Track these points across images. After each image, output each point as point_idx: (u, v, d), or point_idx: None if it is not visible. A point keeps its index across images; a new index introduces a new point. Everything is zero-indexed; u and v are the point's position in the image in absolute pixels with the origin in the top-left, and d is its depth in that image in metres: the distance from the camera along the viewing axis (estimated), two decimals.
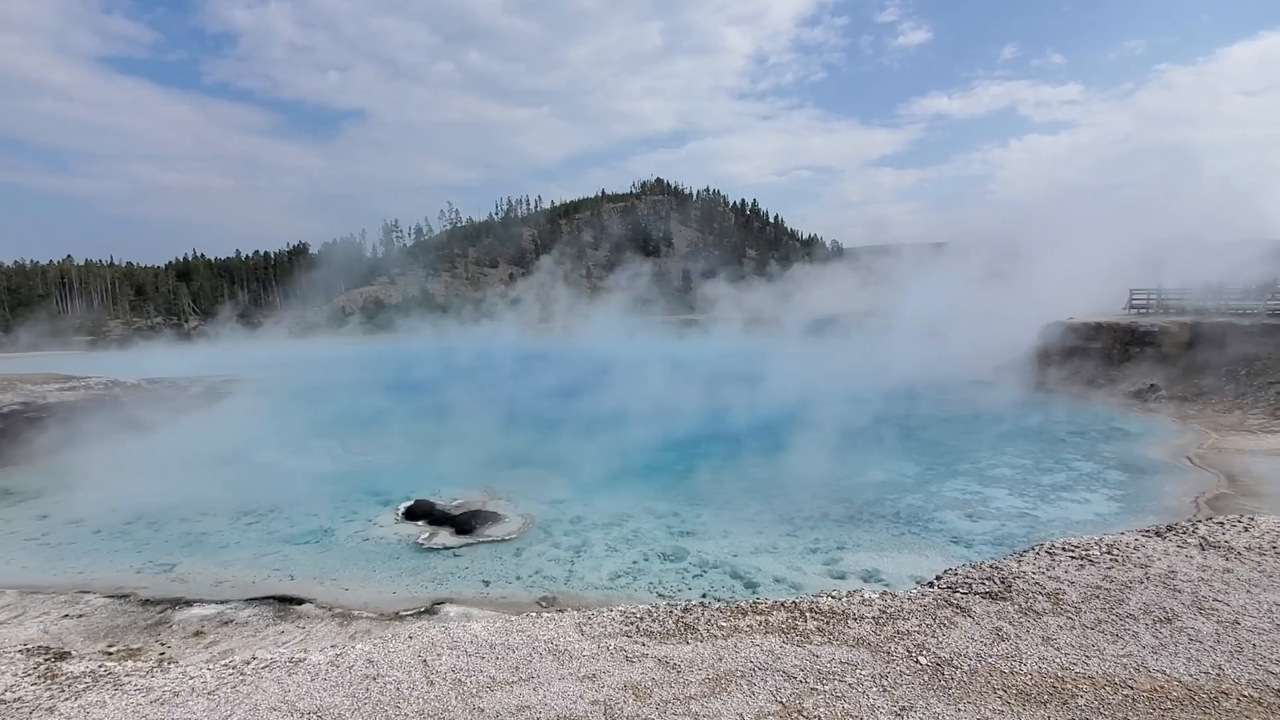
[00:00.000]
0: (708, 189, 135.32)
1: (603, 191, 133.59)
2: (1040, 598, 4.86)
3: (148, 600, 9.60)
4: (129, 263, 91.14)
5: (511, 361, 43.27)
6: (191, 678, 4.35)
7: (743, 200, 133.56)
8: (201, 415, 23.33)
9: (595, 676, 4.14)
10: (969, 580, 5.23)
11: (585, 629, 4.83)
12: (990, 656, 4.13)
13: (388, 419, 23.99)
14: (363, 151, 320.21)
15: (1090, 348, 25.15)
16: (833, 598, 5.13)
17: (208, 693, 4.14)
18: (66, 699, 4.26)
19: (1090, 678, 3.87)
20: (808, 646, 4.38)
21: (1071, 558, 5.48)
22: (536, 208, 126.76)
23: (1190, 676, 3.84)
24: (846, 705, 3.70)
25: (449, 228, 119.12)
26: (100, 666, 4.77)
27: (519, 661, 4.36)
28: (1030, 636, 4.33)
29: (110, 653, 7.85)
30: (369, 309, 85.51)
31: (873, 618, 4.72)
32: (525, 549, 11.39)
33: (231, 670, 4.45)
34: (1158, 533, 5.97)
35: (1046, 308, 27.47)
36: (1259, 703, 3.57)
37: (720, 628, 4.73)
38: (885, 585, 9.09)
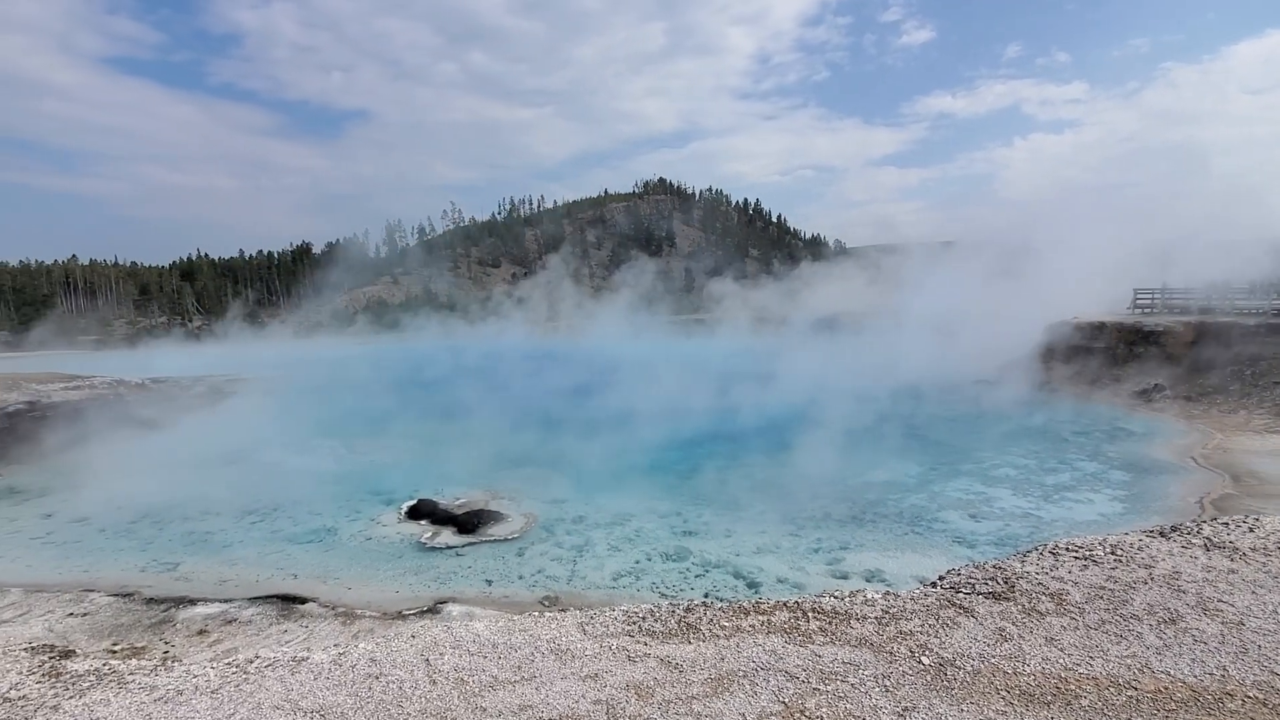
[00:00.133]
0: (711, 189, 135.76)
1: (606, 191, 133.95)
2: (1044, 598, 4.84)
3: (152, 599, 9.63)
4: (133, 262, 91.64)
5: (516, 361, 43.29)
6: (195, 676, 4.37)
7: (746, 200, 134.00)
8: (206, 414, 23.41)
9: (597, 676, 4.14)
10: (972, 580, 5.22)
11: (587, 628, 4.83)
12: (993, 657, 4.12)
13: (391, 418, 24.01)
14: (366, 152, 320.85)
15: (1094, 347, 25.04)
16: (835, 598, 5.12)
17: (211, 691, 4.16)
18: (71, 697, 4.28)
19: (1094, 678, 3.85)
20: (810, 646, 4.38)
21: (1075, 558, 5.46)
22: (539, 208, 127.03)
23: (1195, 678, 3.83)
24: (849, 705, 3.70)
25: (452, 228, 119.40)
26: (104, 665, 4.79)
27: (521, 661, 4.37)
28: (1034, 637, 4.32)
29: (114, 651, 7.87)
30: (373, 308, 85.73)
31: (875, 618, 4.71)
32: (528, 548, 11.40)
33: (235, 669, 4.46)
34: (1162, 533, 5.95)
35: (1051, 307, 27.31)
36: (1264, 704, 3.56)
37: (723, 627, 4.73)
38: (888, 585, 9.07)
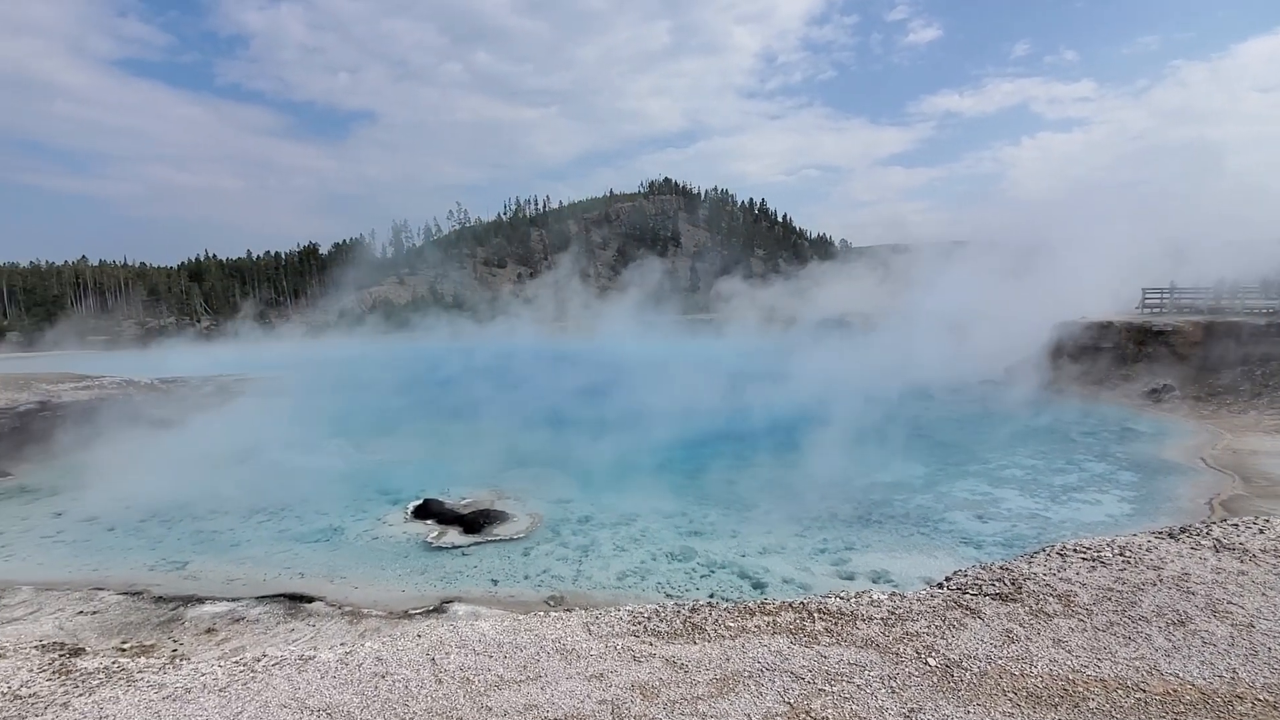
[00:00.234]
0: (716, 188, 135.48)
1: (611, 191, 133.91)
2: (1051, 599, 4.81)
3: (160, 597, 9.69)
4: (142, 263, 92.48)
5: (524, 360, 43.35)
6: (203, 674, 4.40)
7: (751, 199, 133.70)
8: (214, 414, 23.54)
9: (603, 676, 4.15)
10: (979, 581, 5.20)
11: (593, 628, 4.84)
12: (1000, 658, 4.10)
13: (398, 418, 24.11)
14: (372, 152, 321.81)
15: (1103, 347, 24.84)
16: (841, 598, 5.11)
17: (219, 689, 4.19)
18: (81, 695, 4.32)
19: (1102, 680, 3.83)
20: (816, 647, 4.37)
21: (1083, 559, 5.43)
22: (545, 208, 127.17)
23: (1204, 680, 3.80)
24: (855, 706, 3.69)
25: (458, 228, 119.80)
26: (114, 663, 4.83)
27: (527, 660, 4.38)
28: (1041, 638, 4.30)
29: (124, 649, 7.93)
30: (380, 308, 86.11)
31: (881, 619, 4.70)
32: (533, 548, 11.41)
33: (242, 667, 4.50)
34: (1171, 534, 5.91)
35: (1061, 306, 27.16)
36: (1274, 707, 3.53)
37: (728, 628, 4.73)
38: (894, 586, 9.03)
